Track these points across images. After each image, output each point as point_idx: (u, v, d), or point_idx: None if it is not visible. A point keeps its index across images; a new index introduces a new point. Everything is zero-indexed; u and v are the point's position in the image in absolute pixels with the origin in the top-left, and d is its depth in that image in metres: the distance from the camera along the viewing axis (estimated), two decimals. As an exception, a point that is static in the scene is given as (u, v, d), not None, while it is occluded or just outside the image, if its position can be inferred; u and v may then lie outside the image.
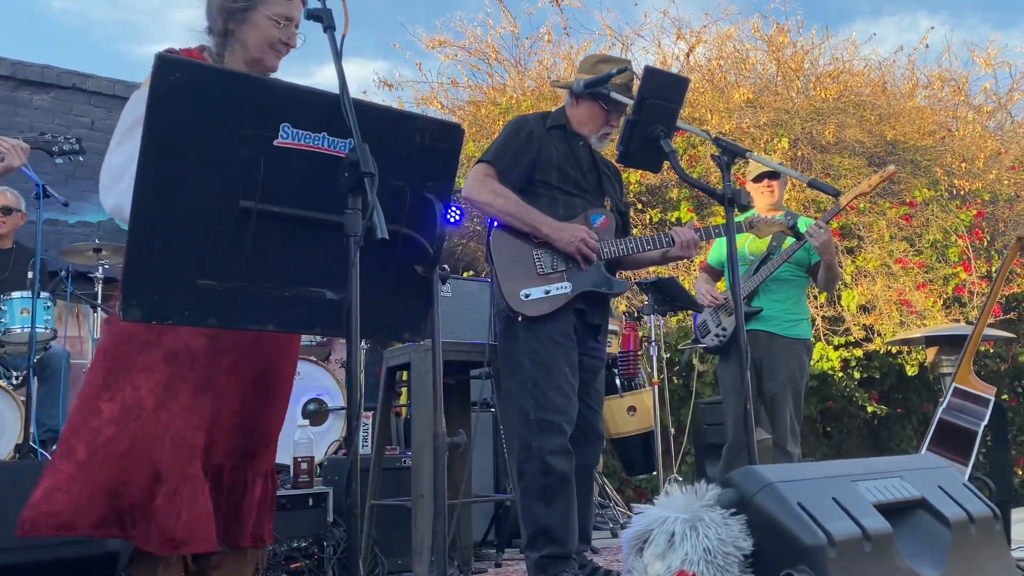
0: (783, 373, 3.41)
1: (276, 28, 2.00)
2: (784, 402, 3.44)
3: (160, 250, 1.62)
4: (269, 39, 2.00)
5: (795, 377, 3.45)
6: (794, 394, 3.48)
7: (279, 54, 2.04)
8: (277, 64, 2.06)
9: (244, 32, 2.01)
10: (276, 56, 2.04)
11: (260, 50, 2.01)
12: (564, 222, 2.76)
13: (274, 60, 2.04)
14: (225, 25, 2.02)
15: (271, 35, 2.00)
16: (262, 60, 2.02)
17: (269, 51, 2.01)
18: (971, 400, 2.89)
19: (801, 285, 3.64)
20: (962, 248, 6.41)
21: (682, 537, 1.44)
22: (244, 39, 2.01)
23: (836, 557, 1.40)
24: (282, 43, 2.02)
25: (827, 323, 6.27)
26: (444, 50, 7.75)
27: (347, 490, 1.53)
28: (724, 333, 3.57)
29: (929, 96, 8.17)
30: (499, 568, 3.51)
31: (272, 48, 2.01)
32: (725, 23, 7.67)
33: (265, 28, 1.99)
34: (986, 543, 1.68)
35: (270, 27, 1.99)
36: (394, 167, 1.78)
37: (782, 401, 3.44)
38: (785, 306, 3.53)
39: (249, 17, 2.00)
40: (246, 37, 2.01)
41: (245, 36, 2.01)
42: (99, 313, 4.67)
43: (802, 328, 3.59)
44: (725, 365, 3.65)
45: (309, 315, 1.81)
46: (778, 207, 3.70)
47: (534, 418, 2.65)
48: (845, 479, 1.58)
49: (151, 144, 1.57)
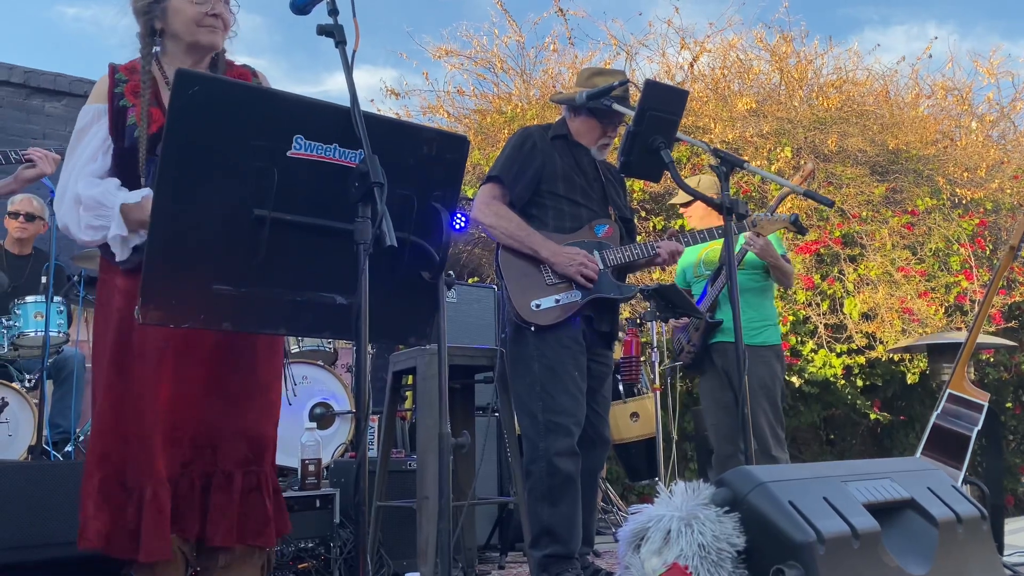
0: (753, 381, 3.44)
1: (195, 5, 1.99)
2: (758, 410, 3.48)
3: (178, 256, 1.68)
4: (193, 18, 1.99)
5: (766, 384, 3.49)
6: (769, 401, 3.51)
7: (212, 28, 2.01)
8: (217, 40, 2.03)
9: (168, 22, 2.01)
10: (210, 31, 2.01)
11: (190, 33, 2.00)
12: (562, 247, 2.83)
13: (210, 36, 2.01)
14: (149, 24, 2.02)
15: (193, 13, 1.99)
16: (197, 41, 2.01)
17: (199, 29, 2.00)
18: (965, 406, 2.95)
19: (763, 290, 3.71)
20: (964, 257, 6.45)
21: (677, 534, 1.50)
22: (172, 30, 2.01)
23: (825, 554, 1.45)
24: (209, 16, 2.00)
25: (829, 331, 6.31)
26: (450, 59, 7.84)
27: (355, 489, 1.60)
28: (694, 349, 3.65)
29: (932, 105, 8.21)
30: (502, 571, 3.57)
31: (200, 25, 2.00)
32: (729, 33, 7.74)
33: (184, 9, 1.99)
34: (973, 544, 1.73)
35: (188, 6, 1.99)
36: (402, 177, 1.84)
37: (755, 409, 3.48)
38: (748, 315, 3.54)
39: (167, 7, 2.00)
40: (173, 26, 2.01)
41: (172, 26, 2.01)
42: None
43: (769, 334, 3.65)
44: (703, 380, 3.74)
45: (319, 319, 1.87)
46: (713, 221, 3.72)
47: (542, 420, 2.71)
48: (836, 479, 1.64)
49: (171, 154, 1.64)
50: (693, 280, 3.86)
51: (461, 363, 3.03)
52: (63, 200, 1.92)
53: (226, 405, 1.96)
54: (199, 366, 1.95)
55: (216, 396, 1.95)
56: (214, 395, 1.95)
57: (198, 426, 1.94)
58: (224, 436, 1.97)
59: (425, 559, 2.71)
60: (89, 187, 1.93)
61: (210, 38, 2.03)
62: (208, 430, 1.94)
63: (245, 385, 2.01)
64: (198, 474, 1.92)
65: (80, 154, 1.94)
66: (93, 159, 1.97)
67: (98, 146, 1.98)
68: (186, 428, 1.92)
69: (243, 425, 1.99)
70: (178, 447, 1.91)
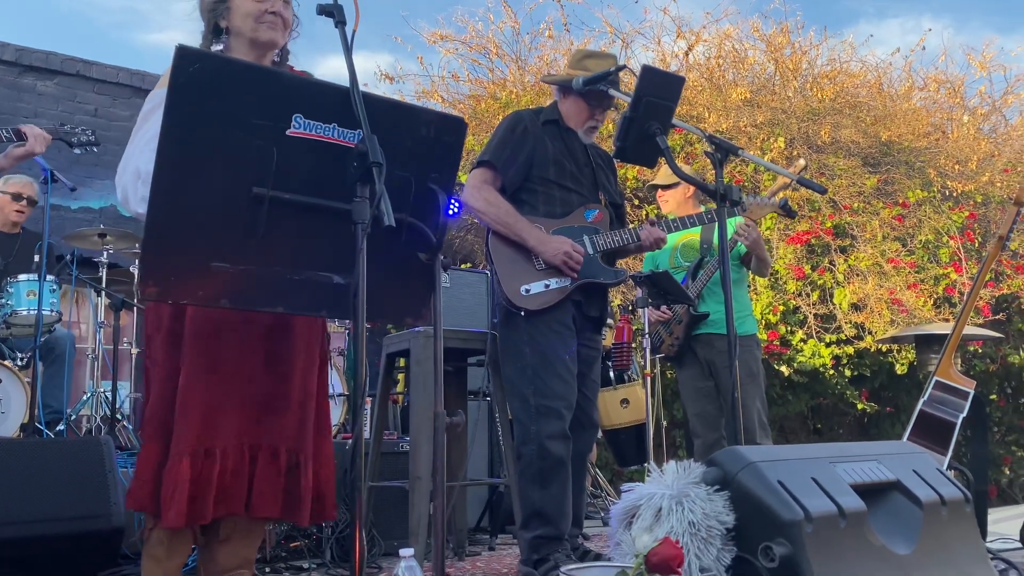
0: (741, 371, 3.49)
1: (255, 2, 2.07)
2: (752, 398, 3.54)
3: (177, 233, 1.70)
4: (254, 13, 2.07)
5: (752, 371, 3.57)
6: (757, 388, 3.60)
7: (272, 25, 2.09)
8: (277, 37, 2.12)
9: (231, 20, 2.09)
10: (270, 28, 2.09)
11: (251, 29, 2.08)
12: (549, 235, 2.85)
13: (269, 32, 2.09)
14: (214, 22, 2.11)
15: (254, 9, 2.07)
16: (257, 37, 2.09)
17: (259, 25, 2.08)
18: (951, 393, 2.99)
19: (741, 281, 3.78)
20: (953, 249, 6.50)
21: (668, 512, 1.53)
22: (235, 26, 2.10)
23: (812, 532, 1.49)
24: (269, 13, 2.08)
25: (819, 320, 6.36)
26: (445, 44, 7.83)
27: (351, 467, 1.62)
28: (678, 341, 3.69)
29: (925, 98, 8.25)
30: (492, 552, 3.61)
31: (260, 21, 2.08)
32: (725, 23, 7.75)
33: (245, 6, 2.07)
34: (957, 525, 1.77)
35: (249, 3, 2.07)
36: (400, 158, 1.85)
37: (750, 398, 3.54)
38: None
39: (231, 4, 2.09)
40: (235, 23, 2.09)
41: (234, 23, 2.09)
42: (103, 297, 4.74)
43: (748, 324, 3.72)
44: (682, 370, 3.77)
45: (316, 298, 1.89)
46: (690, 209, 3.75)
47: (534, 404, 2.73)
48: (824, 461, 1.67)
49: (170, 132, 1.65)
50: (670, 270, 3.88)
51: (455, 346, 3.05)
52: (125, 171, 1.96)
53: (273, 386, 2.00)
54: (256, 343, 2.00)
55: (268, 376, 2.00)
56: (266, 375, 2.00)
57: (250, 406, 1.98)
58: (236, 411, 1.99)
59: (417, 538, 2.74)
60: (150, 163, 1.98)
61: (269, 34, 2.10)
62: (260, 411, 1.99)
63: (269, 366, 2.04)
64: (248, 447, 1.95)
65: (145, 133, 1.97)
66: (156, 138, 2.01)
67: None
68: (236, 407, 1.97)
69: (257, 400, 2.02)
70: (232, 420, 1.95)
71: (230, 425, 1.94)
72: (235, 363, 1.97)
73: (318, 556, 3.16)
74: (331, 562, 3.13)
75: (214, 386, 1.93)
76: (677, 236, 3.78)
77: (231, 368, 1.97)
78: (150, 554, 2.01)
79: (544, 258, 2.82)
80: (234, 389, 1.95)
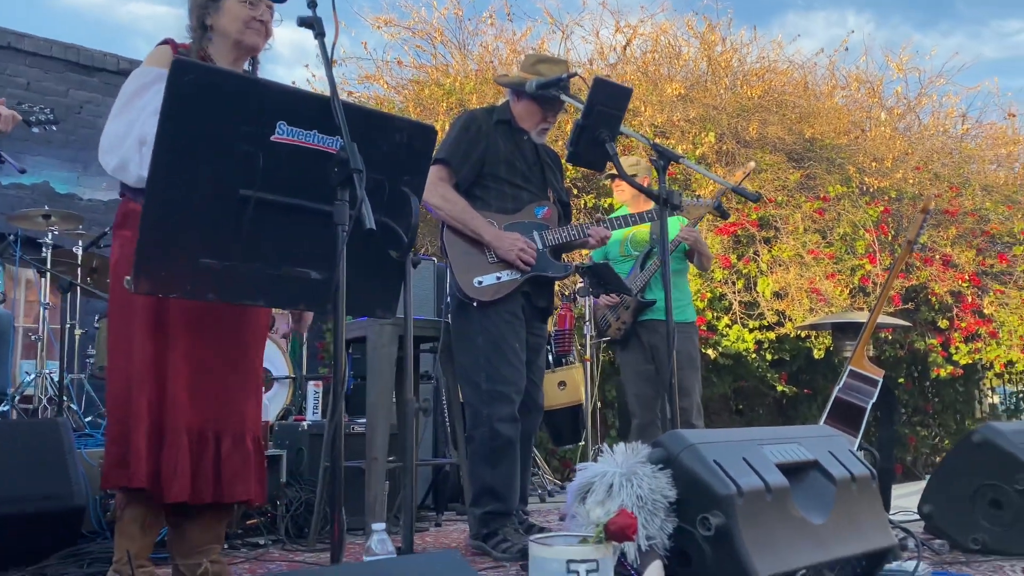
0: (682, 356, 3.76)
1: (246, 7, 2.21)
2: (692, 381, 3.81)
3: (169, 231, 1.82)
4: (243, 18, 2.20)
5: (692, 357, 3.85)
6: (695, 372, 3.89)
7: (257, 32, 2.23)
8: (259, 42, 2.26)
9: (219, 20, 2.22)
10: (255, 34, 2.23)
11: (238, 31, 2.21)
12: (503, 232, 3.02)
13: (254, 38, 2.24)
14: (201, 19, 2.23)
15: (243, 14, 2.20)
16: (242, 40, 2.22)
17: (246, 30, 2.21)
18: (863, 381, 3.31)
19: (683, 272, 4.06)
20: (869, 242, 6.90)
21: (619, 487, 1.74)
22: (221, 27, 2.22)
23: (743, 505, 1.71)
24: (256, 20, 2.22)
25: (743, 307, 6.69)
26: (389, 28, 7.88)
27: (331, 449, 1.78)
28: (624, 325, 3.92)
29: (846, 97, 8.67)
30: (439, 528, 3.78)
31: (247, 27, 2.21)
32: (661, 17, 8.00)
33: (236, 10, 2.20)
34: (864, 499, 2.03)
35: (240, 8, 2.20)
36: (374, 162, 1.98)
37: (690, 380, 3.80)
38: (674, 294, 3.85)
39: (220, 5, 2.22)
40: (221, 24, 2.22)
41: (221, 24, 2.22)
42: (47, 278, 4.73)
43: (689, 312, 4.03)
44: (625, 353, 4.01)
45: (295, 292, 2.04)
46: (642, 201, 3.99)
47: (486, 388, 2.91)
48: (754, 443, 1.90)
49: (165, 138, 1.77)
50: (618, 258, 4.10)
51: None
52: (124, 141, 2.05)
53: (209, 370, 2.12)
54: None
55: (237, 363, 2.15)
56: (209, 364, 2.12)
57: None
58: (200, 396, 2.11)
59: (374, 515, 2.90)
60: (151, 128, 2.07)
61: (254, 39, 2.24)
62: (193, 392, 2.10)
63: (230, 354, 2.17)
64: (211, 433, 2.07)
65: (145, 105, 2.06)
66: (157, 111, 2.10)
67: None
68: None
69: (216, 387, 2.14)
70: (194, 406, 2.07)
71: (209, 408, 2.07)
72: (208, 349, 2.10)
73: (273, 533, 3.29)
74: (286, 537, 3.26)
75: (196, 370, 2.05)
76: (625, 228, 3.99)
77: (207, 354, 2.09)
78: (124, 532, 2.11)
79: (499, 254, 2.99)
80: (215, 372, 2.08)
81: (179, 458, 1.98)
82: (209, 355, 2.11)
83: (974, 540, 2.72)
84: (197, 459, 2.03)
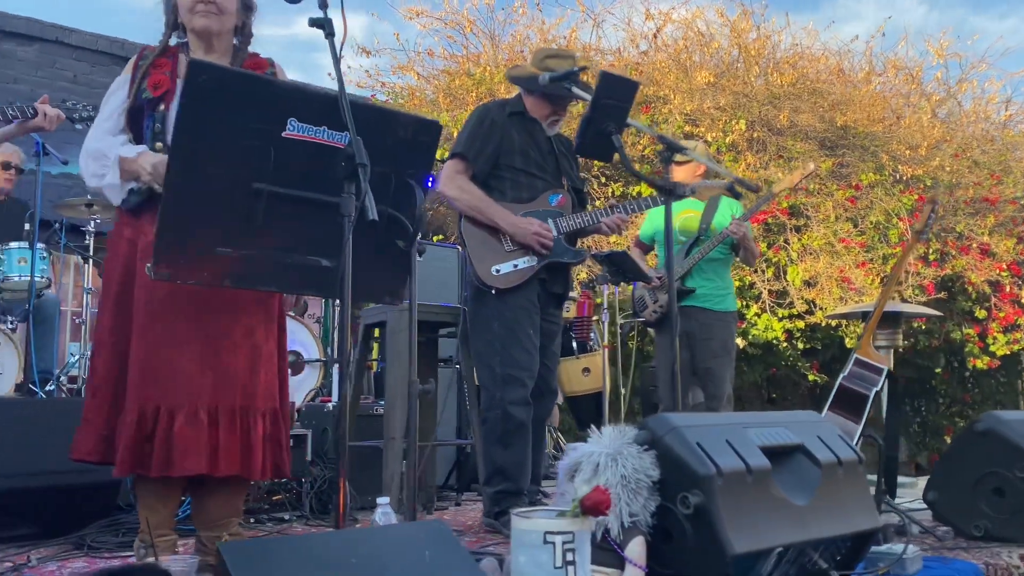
0: (717, 344, 3.82)
1: None
2: (725, 370, 3.87)
3: (187, 222, 1.95)
4: (187, 5, 2.20)
5: (728, 346, 3.89)
6: (732, 361, 3.92)
7: (204, 14, 2.19)
8: (210, 23, 2.20)
9: (180, 13, 2.23)
10: (203, 16, 2.19)
11: (188, 20, 2.22)
12: (520, 217, 3.10)
13: (202, 20, 2.20)
14: (172, 16, 2.27)
15: (187, 1, 2.20)
16: (192, 26, 2.22)
17: (193, 16, 2.20)
18: (868, 369, 3.35)
19: (728, 262, 4.09)
20: (902, 230, 6.85)
21: (605, 466, 1.83)
22: (182, 20, 2.25)
23: (723, 485, 1.79)
24: (201, 3, 2.19)
25: (773, 296, 6.70)
26: (421, 19, 7.99)
27: (335, 429, 1.90)
28: (661, 309, 3.97)
29: (883, 83, 8.56)
30: (458, 507, 3.91)
31: (193, 12, 2.20)
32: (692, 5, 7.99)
33: None
34: (850, 483, 2.09)
35: None
36: (381, 156, 2.09)
37: (724, 369, 3.86)
38: (715, 283, 3.95)
39: None
40: (181, 17, 2.24)
41: (181, 17, 2.24)
42: (89, 264, 4.94)
43: (730, 301, 4.04)
44: (660, 336, 4.06)
45: (305, 279, 2.16)
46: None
47: (500, 372, 3.02)
48: (739, 426, 1.98)
49: (182, 135, 1.90)
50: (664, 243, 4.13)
51: (428, 319, 3.32)
52: (83, 151, 2.20)
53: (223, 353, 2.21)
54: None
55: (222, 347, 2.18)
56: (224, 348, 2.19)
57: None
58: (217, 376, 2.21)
59: (390, 492, 3.03)
60: (97, 140, 2.22)
61: (202, 22, 2.22)
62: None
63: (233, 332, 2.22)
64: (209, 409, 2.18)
65: (100, 114, 2.21)
66: (109, 118, 2.24)
67: (115, 107, 2.23)
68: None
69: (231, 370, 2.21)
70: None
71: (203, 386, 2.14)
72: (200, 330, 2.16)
73: (298, 509, 3.44)
74: (310, 514, 3.41)
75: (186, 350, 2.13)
76: (679, 210, 3.99)
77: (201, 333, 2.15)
78: (143, 503, 2.24)
79: (516, 239, 3.08)
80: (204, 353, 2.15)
81: (124, 432, 2.07)
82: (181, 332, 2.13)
83: (976, 527, 2.75)
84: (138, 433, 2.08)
